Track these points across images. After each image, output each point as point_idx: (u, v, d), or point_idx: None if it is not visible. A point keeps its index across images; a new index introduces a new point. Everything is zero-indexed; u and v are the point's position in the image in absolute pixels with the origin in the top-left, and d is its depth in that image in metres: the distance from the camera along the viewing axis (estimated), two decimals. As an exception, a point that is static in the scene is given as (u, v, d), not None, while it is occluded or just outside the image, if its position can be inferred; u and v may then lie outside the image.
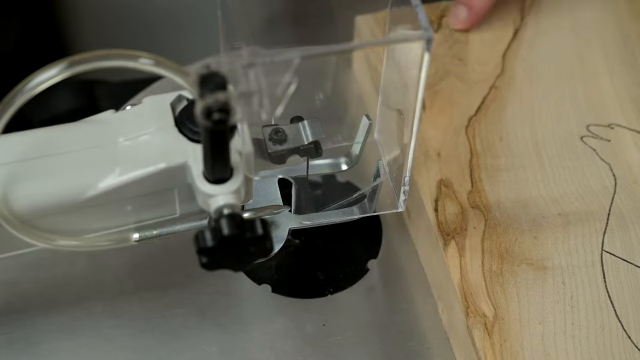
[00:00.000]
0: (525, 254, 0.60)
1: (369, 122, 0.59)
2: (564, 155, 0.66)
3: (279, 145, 0.56)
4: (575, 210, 0.63)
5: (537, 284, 0.59)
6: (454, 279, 0.59)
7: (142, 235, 0.53)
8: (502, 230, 0.61)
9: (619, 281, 0.60)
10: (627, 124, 0.67)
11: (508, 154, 0.66)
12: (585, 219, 0.62)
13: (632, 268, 0.60)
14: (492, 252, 0.60)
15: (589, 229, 0.62)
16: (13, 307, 0.61)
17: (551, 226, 0.62)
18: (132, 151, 0.51)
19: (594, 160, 0.66)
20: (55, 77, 0.48)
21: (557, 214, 0.62)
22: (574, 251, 0.61)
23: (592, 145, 0.66)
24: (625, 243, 0.61)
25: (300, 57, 0.47)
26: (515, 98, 0.69)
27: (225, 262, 0.50)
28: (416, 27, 0.50)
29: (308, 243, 0.65)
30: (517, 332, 0.57)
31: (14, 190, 0.50)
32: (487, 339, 0.56)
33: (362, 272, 0.65)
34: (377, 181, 0.60)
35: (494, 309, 0.58)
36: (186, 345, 0.60)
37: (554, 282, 0.59)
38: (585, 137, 0.67)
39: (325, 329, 0.62)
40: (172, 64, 0.49)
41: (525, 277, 0.59)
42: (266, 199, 0.61)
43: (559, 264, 0.60)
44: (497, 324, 0.57)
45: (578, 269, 0.60)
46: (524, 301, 0.58)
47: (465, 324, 0.58)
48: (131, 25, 1.07)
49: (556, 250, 0.61)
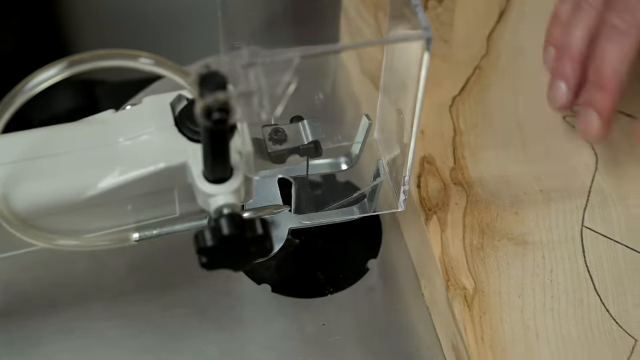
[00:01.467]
0: (506, 229, 0.61)
1: (368, 122, 0.59)
2: (547, 133, 0.67)
3: (279, 145, 0.56)
4: (557, 187, 0.64)
5: (517, 258, 0.60)
6: (435, 253, 0.60)
7: (142, 235, 0.53)
8: (484, 206, 0.62)
9: (599, 256, 0.60)
10: None
11: (491, 132, 0.67)
12: (566, 196, 0.63)
13: (612, 243, 0.61)
14: (474, 227, 0.61)
15: (570, 205, 0.63)
16: (13, 307, 0.61)
17: (532, 202, 0.63)
18: (132, 151, 0.51)
19: (576, 138, 0.66)
20: (55, 77, 0.48)
21: (539, 191, 0.63)
22: (555, 227, 0.62)
23: (574, 125, 0.67)
24: (605, 219, 0.62)
25: (300, 57, 0.47)
26: (499, 79, 0.70)
27: (225, 261, 0.50)
28: (416, 27, 0.50)
29: (308, 243, 0.65)
30: (497, 304, 0.58)
31: (14, 190, 0.50)
32: (467, 311, 0.57)
33: (362, 272, 0.65)
34: (377, 181, 0.60)
35: (474, 282, 0.58)
36: (186, 345, 0.60)
37: (534, 257, 0.60)
38: (567, 117, 0.68)
39: (325, 329, 0.62)
40: (172, 63, 0.49)
41: (506, 252, 0.60)
42: (266, 198, 0.61)
43: (540, 239, 0.61)
44: (477, 297, 0.58)
45: (558, 244, 0.61)
46: (504, 275, 0.59)
47: (445, 296, 0.58)
48: (131, 25, 1.07)
49: (537, 226, 0.62)
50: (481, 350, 0.56)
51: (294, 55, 0.47)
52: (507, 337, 0.56)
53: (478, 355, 0.56)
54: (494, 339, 0.56)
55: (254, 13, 0.61)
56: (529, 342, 0.56)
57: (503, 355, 0.56)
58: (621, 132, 0.66)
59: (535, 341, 0.56)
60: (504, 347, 0.56)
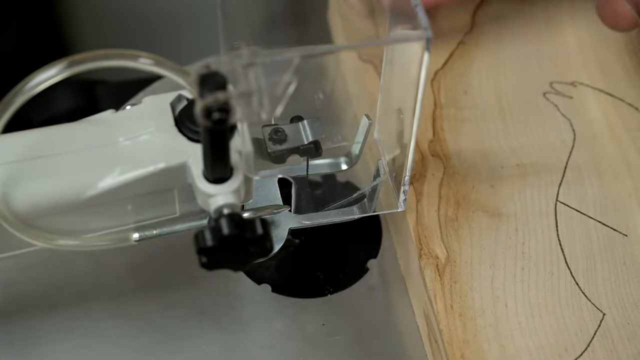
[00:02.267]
0: (481, 201, 0.62)
1: (369, 122, 0.59)
2: (526, 109, 0.67)
3: (279, 145, 0.56)
4: (533, 162, 0.64)
5: (490, 230, 0.60)
6: (409, 222, 0.60)
7: (142, 235, 0.53)
8: (460, 178, 0.63)
9: (571, 230, 0.61)
10: (590, 83, 0.69)
11: (471, 106, 0.67)
12: (542, 171, 0.64)
13: (585, 219, 0.62)
14: (449, 199, 0.62)
15: (545, 180, 0.63)
16: (13, 307, 0.61)
17: (509, 176, 0.63)
18: (132, 151, 0.51)
19: (555, 115, 0.67)
20: (55, 77, 0.48)
21: (515, 165, 0.64)
22: (529, 200, 0.62)
23: (554, 102, 0.68)
24: (579, 195, 0.63)
25: (300, 56, 0.47)
26: (482, 54, 0.70)
27: (225, 261, 0.50)
28: (416, 27, 0.50)
29: (308, 243, 0.65)
30: (468, 274, 0.58)
31: (14, 190, 0.50)
32: (438, 280, 0.58)
33: (362, 272, 0.65)
34: (377, 181, 0.60)
35: (446, 252, 0.59)
36: (186, 345, 0.60)
37: (508, 229, 0.61)
38: (548, 94, 0.68)
39: (325, 329, 0.62)
40: (172, 63, 0.49)
41: (480, 223, 0.61)
42: (266, 198, 0.61)
43: (514, 212, 0.61)
44: (448, 266, 0.59)
45: (532, 217, 0.61)
46: (477, 245, 0.60)
47: (418, 265, 0.59)
48: (131, 25, 1.07)
49: (512, 199, 0.62)
50: (450, 318, 0.57)
51: (294, 55, 0.47)
52: (477, 306, 0.57)
53: (447, 322, 0.57)
54: (463, 308, 0.57)
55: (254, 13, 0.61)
56: (498, 311, 0.57)
57: (472, 324, 0.57)
58: (600, 110, 0.67)
59: (504, 311, 0.57)
60: (472, 316, 0.57)
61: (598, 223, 0.62)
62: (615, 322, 0.57)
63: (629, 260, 0.60)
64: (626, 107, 0.68)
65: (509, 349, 0.56)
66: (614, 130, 0.66)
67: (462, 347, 0.56)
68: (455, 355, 0.56)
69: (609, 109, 0.67)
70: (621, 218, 0.62)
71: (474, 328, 0.56)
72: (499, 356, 0.56)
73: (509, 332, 0.56)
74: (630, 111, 0.67)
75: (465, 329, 0.56)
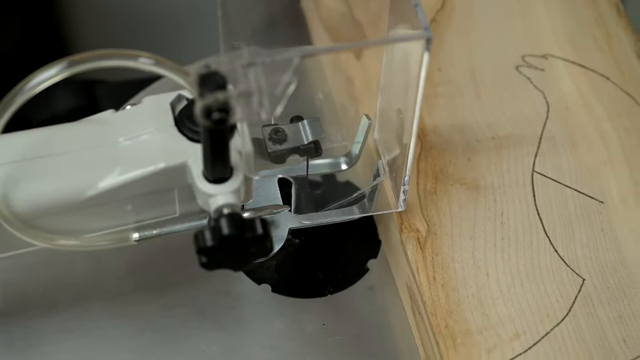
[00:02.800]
0: (459, 174, 0.63)
1: (368, 122, 0.59)
2: (500, 84, 0.68)
3: (279, 145, 0.56)
4: (509, 134, 0.65)
5: (469, 202, 0.62)
6: (389, 197, 0.61)
7: (142, 235, 0.53)
8: (438, 152, 0.64)
9: (548, 199, 0.62)
10: (562, 55, 0.69)
11: (446, 82, 0.68)
12: (517, 143, 0.65)
13: (562, 188, 0.63)
14: (427, 173, 0.63)
15: (521, 151, 0.64)
16: (13, 307, 0.61)
17: (485, 149, 0.64)
18: (132, 151, 0.51)
19: (529, 88, 0.68)
20: (55, 77, 0.48)
21: (491, 138, 0.65)
22: (506, 172, 0.63)
23: (527, 75, 0.69)
24: (555, 165, 0.64)
25: (300, 56, 0.47)
26: (454, 31, 0.71)
27: (225, 261, 0.50)
28: (416, 27, 0.50)
29: (308, 243, 0.65)
30: (449, 246, 0.60)
31: (14, 190, 0.50)
32: (420, 252, 0.59)
33: (362, 272, 0.65)
34: (377, 181, 0.60)
35: (427, 225, 0.60)
36: (186, 345, 0.60)
37: (486, 201, 0.62)
38: (520, 67, 0.69)
39: (325, 329, 0.62)
40: (172, 63, 0.49)
41: (458, 196, 0.62)
42: (266, 198, 0.61)
43: (491, 184, 0.63)
44: (429, 239, 0.60)
45: (509, 188, 0.63)
46: (456, 218, 0.61)
47: (399, 239, 0.60)
48: (131, 25, 1.07)
49: (489, 171, 0.63)
50: (433, 290, 0.58)
51: (294, 55, 0.47)
52: (459, 277, 0.58)
53: (430, 294, 0.58)
54: (446, 279, 0.58)
55: (254, 13, 0.61)
56: (480, 281, 0.58)
57: (454, 294, 0.58)
58: (572, 82, 0.68)
59: (485, 280, 0.58)
60: (455, 287, 0.58)
61: (574, 191, 0.63)
62: (595, 287, 0.59)
63: (606, 226, 0.61)
64: (598, 77, 0.68)
65: (492, 317, 0.57)
66: (587, 100, 0.67)
67: (445, 317, 0.57)
68: (439, 325, 0.57)
69: (581, 80, 0.68)
70: (597, 186, 0.63)
71: (456, 298, 0.58)
72: (482, 324, 0.57)
73: (491, 300, 0.58)
74: (601, 81, 0.68)
75: (448, 300, 0.57)
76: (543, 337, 0.57)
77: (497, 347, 0.56)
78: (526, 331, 0.57)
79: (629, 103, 0.67)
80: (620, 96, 0.67)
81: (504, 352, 0.56)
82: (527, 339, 0.56)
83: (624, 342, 0.57)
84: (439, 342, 0.56)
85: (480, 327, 0.57)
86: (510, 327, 0.57)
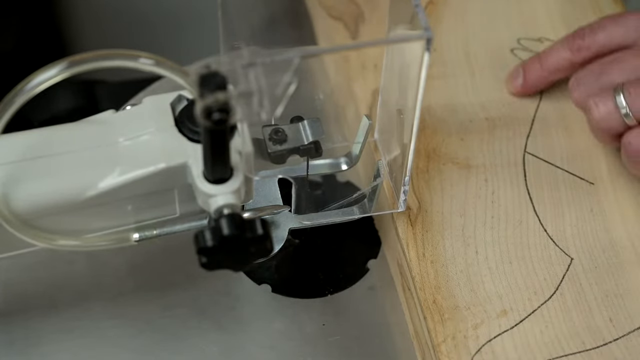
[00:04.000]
0: (451, 154, 0.64)
1: (368, 122, 0.59)
2: (494, 65, 0.69)
3: (279, 145, 0.56)
4: (502, 115, 0.66)
5: (461, 181, 0.62)
6: (382, 176, 0.61)
7: (142, 235, 0.53)
8: (431, 132, 0.64)
9: (539, 180, 0.63)
10: (556, 38, 0.69)
11: (440, 64, 0.68)
12: (510, 123, 0.66)
13: (552, 168, 0.64)
14: (420, 152, 0.63)
15: (514, 132, 0.65)
16: (13, 307, 0.61)
17: (478, 129, 0.65)
18: (132, 151, 0.51)
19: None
20: (55, 77, 0.48)
21: (484, 119, 0.66)
22: (498, 152, 0.64)
23: (522, 57, 0.69)
24: (547, 146, 0.65)
25: (300, 57, 0.47)
26: (450, 14, 0.72)
27: (225, 262, 0.50)
28: (416, 27, 0.50)
29: (308, 243, 0.65)
30: (439, 223, 0.60)
31: (14, 190, 0.50)
32: (410, 229, 0.60)
33: (362, 272, 0.65)
34: (377, 181, 0.60)
35: (418, 203, 0.61)
36: (186, 345, 0.60)
37: (477, 180, 0.63)
38: (515, 50, 0.70)
39: (325, 329, 0.62)
40: (172, 64, 0.49)
41: (450, 175, 0.63)
42: (266, 199, 0.61)
43: (483, 163, 0.63)
44: (420, 216, 0.60)
45: (501, 168, 0.63)
46: (447, 196, 0.62)
47: (390, 216, 0.61)
48: (131, 25, 1.07)
49: (481, 151, 0.64)
50: (422, 266, 0.58)
51: (294, 55, 0.47)
52: (448, 253, 0.59)
53: (419, 270, 0.58)
54: (435, 255, 0.59)
55: (254, 13, 0.61)
56: (469, 258, 0.59)
57: (443, 270, 0.58)
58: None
59: (474, 257, 0.59)
60: (444, 263, 0.59)
61: (565, 172, 0.63)
62: (582, 267, 0.59)
63: (595, 207, 0.62)
64: None
65: (480, 294, 0.58)
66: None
67: (434, 292, 0.58)
68: (427, 300, 0.57)
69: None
70: (587, 167, 0.64)
71: (445, 274, 0.58)
72: (469, 300, 0.57)
73: (480, 277, 0.58)
74: None
75: (437, 276, 0.58)
76: (530, 315, 0.57)
77: (484, 323, 0.57)
78: (513, 308, 0.57)
79: None
80: None
81: (491, 328, 0.57)
82: (514, 316, 0.57)
83: (610, 320, 0.57)
84: (427, 317, 0.57)
85: (467, 303, 0.57)
86: (498, 304, 0.57)
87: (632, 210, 0.62)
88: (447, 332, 0.56)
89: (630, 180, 0.63)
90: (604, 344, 0.56)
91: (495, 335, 0.56)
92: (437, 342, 0.56)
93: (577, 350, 0.56)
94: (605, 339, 0.56)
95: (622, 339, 0.56)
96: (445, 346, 0.56)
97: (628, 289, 0.58)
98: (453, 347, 0.56)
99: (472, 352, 0.56)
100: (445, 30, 0.70)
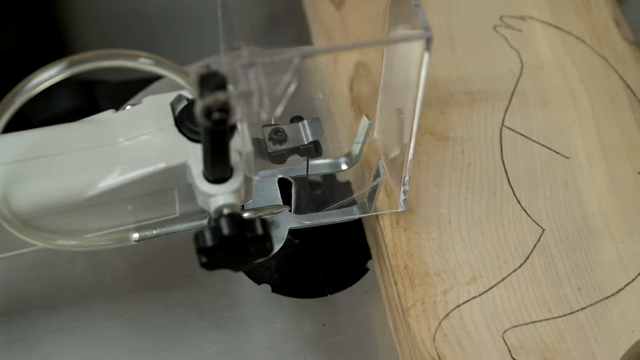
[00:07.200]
0: (430, 126, 0.64)
1: (369, 122, 0.59)
2: (476, 42, 0.69)
3: (279, 145, 0.56)
4: (481, 90, 0.67)
5: (437, 152, 0.63)
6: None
7: (142, 235, 0.53)
8: None
9: (515, 153, 0.63)
10: (539, 16, 0.70)
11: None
12: (489, 98, 0.66)
13: (528, 142, 0.64)
14: None
15: (492, 106, 0.66)
16: (13, 307, 0.61)
17: (457, 103, 0.65)
18: (132, 151, 0.51)
19: (504, 47, 0.69)
20: (55, 77, 0.48)
21: (464, 93, 0.66)
22: (476, 125, 0.65)
23: (504, 34, 0.70)
24: (524, 120, 0.65)
25: (300, 57, 0.47)
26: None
27: (225, 262, 0.50)
28: (416, 27, 0.50)
29: (308, 243, 0.65)
30: (414, 192, 0.61)
31: (14, 190, 0.50)
32: (386, 198, 0.60)
33: (362, 272, 0.65)
34: (377, 181, 0.60)
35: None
36: (186, 345, 0.60)
37: (454, 151, 0.63)
38: (498, 27, 0.70)
39: (325, 329, 0.62)
40: (172, 64, 0.49)
41: (427, 146, 0.63)
42: (266, 198, 0.61)
43: (460, 135, 0.64)
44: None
45: (477, 140, 0.64)
46: (424, 167, 0.62)
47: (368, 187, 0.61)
48: (131, 25, 1.07)
49: (459, 124, 0.64)
50: (395, 233, 0.59)
51: (294, 55, 0.47)
52: (421, 222, 0.60)
53: (392, 236, 0.59)
54: (408, 223, 0.60)
55: (254, 13, 0.61)
56: (442, 226, 0.60)
57: (416, 238, 0.59)
58: (548, 43, 0.69)
59: (447, 226, 0.60)
60: (417, 231, 0.59)
61: (541, 146, 0.64)
62: (554, 238, 0.60)
63: (570, 180, 0.62)
64: (573, 40, 0.69)
65: (451, 261, 0.58)
66: (561, 61, 0.68)
67: (405, 258, 0.58)
68: (398, 266, 0.58)
69: (557, 41, 0.69)
70: (564, 142, 0.64)
71: (417, 241, 0.59)
72: (440, 267, 0.58)
73: (451, 245, 0.59)
74: (577, 43, 0.69)
75: (409, 242, 0.59)
76: (499, 282, 0.58)
77: (454, 289, 0.57)
78: (483, 276, 0.58)
79: (603, 66, 0.68)
80: (594, 59, 0.68)
81: (460, 294, 0.57)
82: (484, 283, 0.58)
83: (579, 290, 0.58)
84: (397, 282, 0.57)
85: (438, 270, 0.58)
86: (468, 271, 0.58)
87: (605, 185, 0.62)
88: (416, 297, 0.57)
89: (605, 156, 0.63)
90: (571, 312, 0.57)
91: (464, 301, 0.57)
92: (406, 307, 0.56)
93: (544, 317, 0.56)
94: (573, 307, 0.57)
95: (589, 307, 0.57)
96: (414, 310, 0.56)
97: (598, 261, 0.59)
98: (422, 312, 0.56)
99: (440, 316, 0.56)
100: (428, 6, 0.69)
